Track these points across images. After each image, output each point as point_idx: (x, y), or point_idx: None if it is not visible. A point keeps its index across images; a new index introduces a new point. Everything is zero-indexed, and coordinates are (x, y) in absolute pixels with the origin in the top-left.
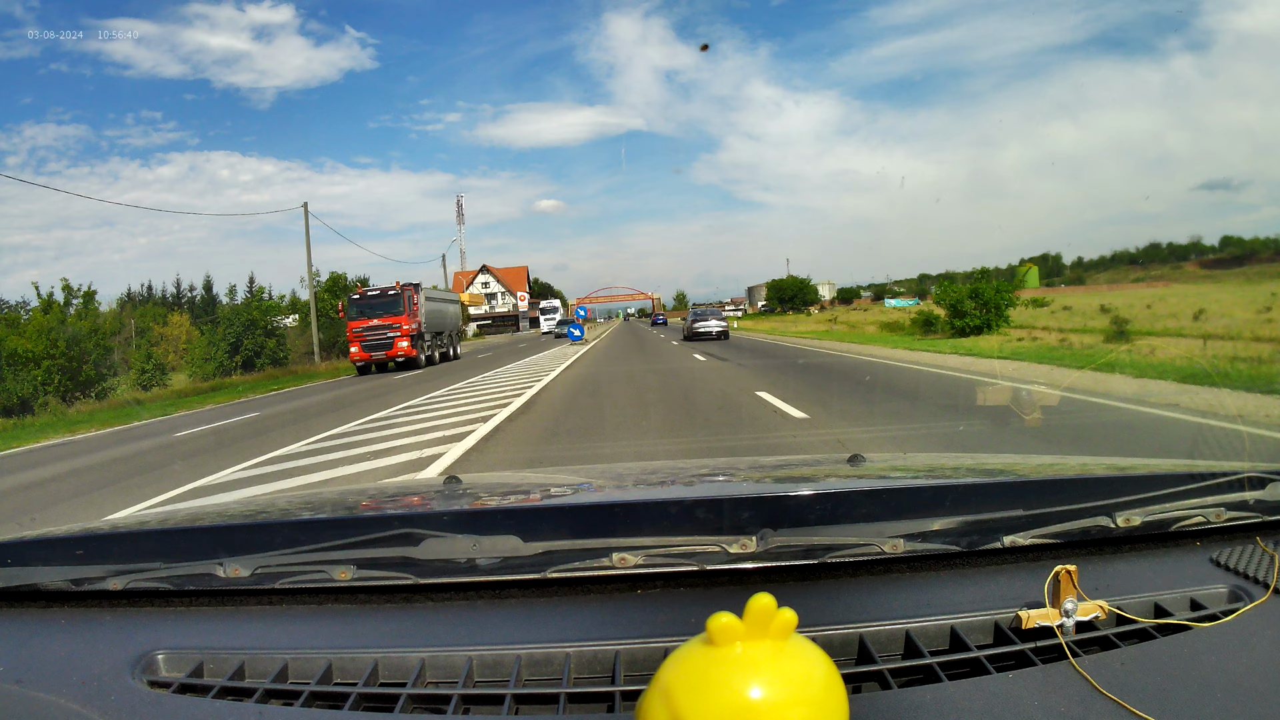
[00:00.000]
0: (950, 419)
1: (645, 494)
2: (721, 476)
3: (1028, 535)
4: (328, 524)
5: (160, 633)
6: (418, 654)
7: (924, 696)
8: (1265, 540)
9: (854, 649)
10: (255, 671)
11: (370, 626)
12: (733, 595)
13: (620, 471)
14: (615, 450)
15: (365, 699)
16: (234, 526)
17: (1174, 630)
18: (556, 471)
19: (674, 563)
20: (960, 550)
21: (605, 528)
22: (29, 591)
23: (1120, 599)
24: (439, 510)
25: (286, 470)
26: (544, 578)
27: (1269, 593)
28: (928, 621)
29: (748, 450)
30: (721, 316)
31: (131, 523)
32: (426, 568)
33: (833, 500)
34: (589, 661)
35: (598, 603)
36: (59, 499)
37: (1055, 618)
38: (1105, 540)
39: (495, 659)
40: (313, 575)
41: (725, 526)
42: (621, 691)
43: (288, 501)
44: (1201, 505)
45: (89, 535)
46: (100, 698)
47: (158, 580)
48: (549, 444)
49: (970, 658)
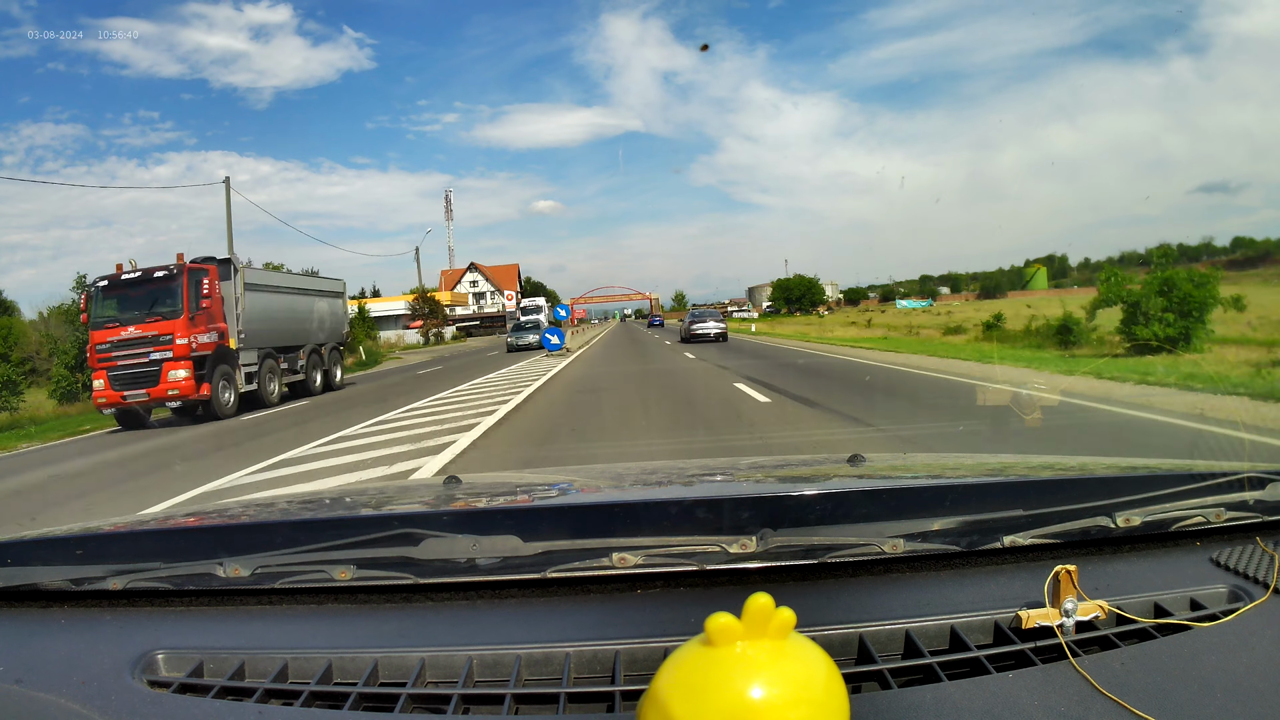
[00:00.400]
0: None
1: (645, 494)
2: (721, 476)
3: (1028, 535)
4: (328, 524)
5: (160, 633)
6: (418, 654)
7: (924, 696)
8: (1265, 540)
9: (854, 649)
10: (255, 671)
11: (370, 626)
12: (733, 595)
13: (620, 471)
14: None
15: (365, 699)
16: (234, 526)
17: (1174, 630)
18: (556, 471)
19: (674, 563)
20: (960, 550)
21: (605, 528)
22: (29, 591)
23: (1120, 599)
24: (439, 510)
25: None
26: (544, 578)
27: (1269, 593)
28: (928, 621)
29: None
30: (719, 318)
31: (131, 523)
32: (426, 568)
33: (833, 500)
34: (589, 661)
35: (598, 603)
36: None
37: (1055, 618)
38: (1105, 540)
39: (495, 659)
40: (313, 575)
41: (725, 526)
42: (621, 691)
43: (288, 501)
44: (1201, 505)
45: (89, 535)
46: (100, 698)
47: (158, 580)
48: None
49: (970, 658)
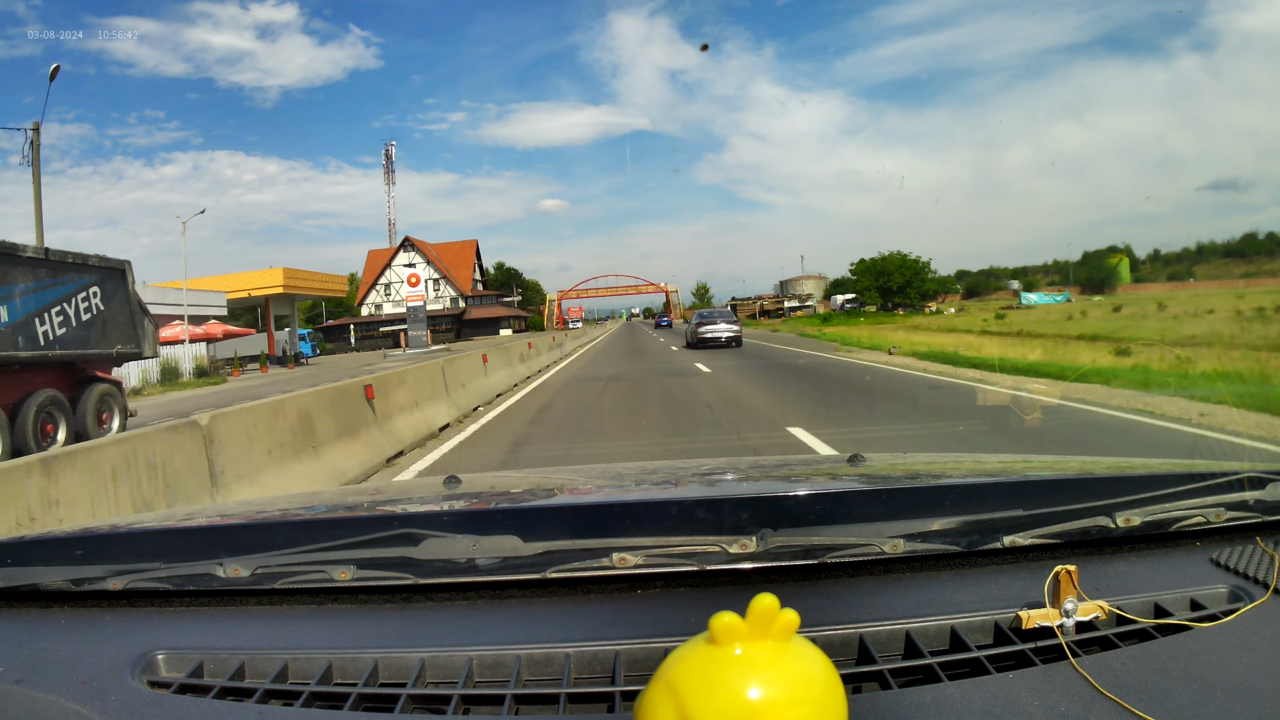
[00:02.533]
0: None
1: (645, 494)
2: (721, 477)
3: (1028, 535)
4: (327, 524)
5: (160, 633)
6: (418, 654)
7: (924, 696)
8: (1265, 540)
9: (854, 649)
10: (255, 672)
11: (370, 626)
12: (733, 595)
13: (620, 471)
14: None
15: (365, 699)
16: (234, 526)
17: (1174, 630)
18: (556, 471)
19: (674, 563)
20: (960, 550)
21: (605, 528)
22: (29, 591)
23: (1120, 599)
24: (439, 510)
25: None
26: (544, 578)
27: (1269, 593)
28: (928, 621)
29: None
30: (732, 319)
31: (131, 523)
32: (426, 568)
33: (833, 500)
34: (589, 662)
35: (598, 603)
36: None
37: (1055, 618)
38: (1105, 540)
39: (495, 659)
40: (313, 575)
41: (725, 526)
42: (621, 692)
43: (287, 501)
44: (1201, 505)
45: (89, 535)
46: (100, 698)
47: (158, 580)
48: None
49: (970, 658)
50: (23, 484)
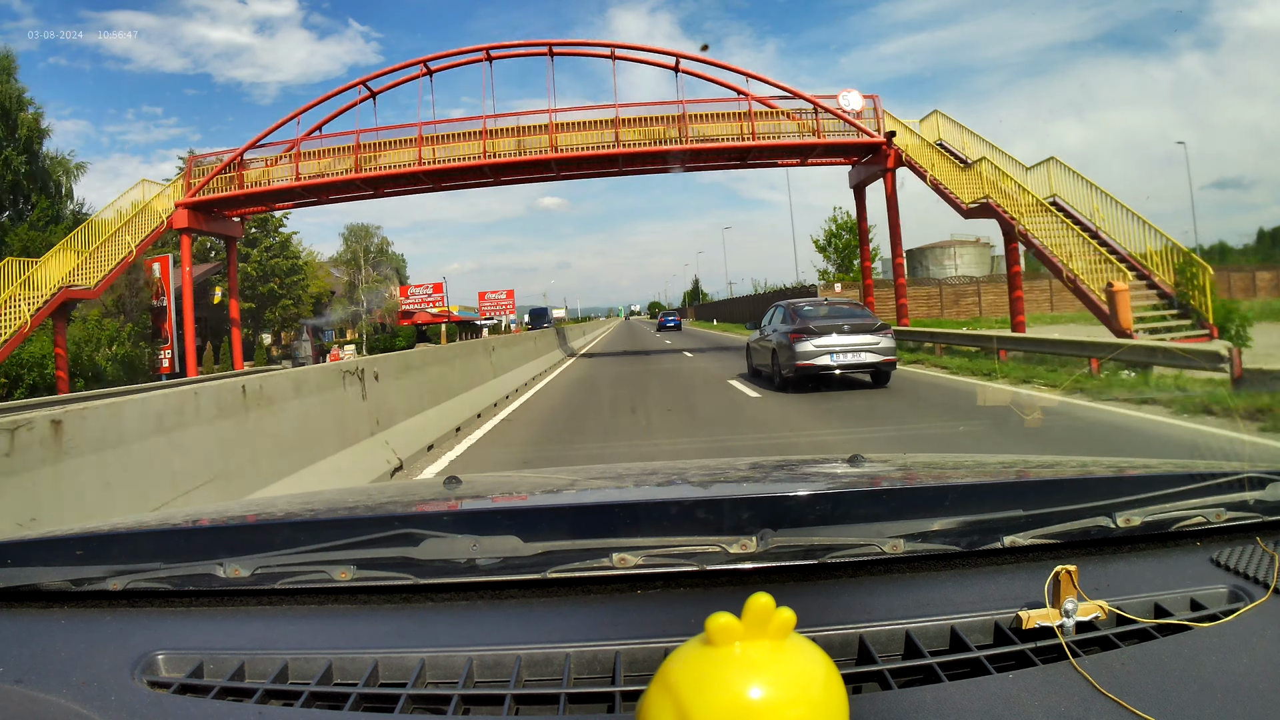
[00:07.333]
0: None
1: (645, 494)
2: (721, 476)
3: (1028, 535)
4: (328, 524)
5: (160, 633)
6: (418, 654)
7: (924, 696)
8: (1265, 540)
9: (854, 649)
10: (255, 672)
11: (370, 626)
12: (733, 595)
13: (620, 471)
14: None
15: (365, 699)
16: (234, 527)
17: (1174, 630)
18: (556, 471)
19: (674, 563)
20: (960, 550)
21: (605, 528)
22: (29, 591)
23: (1120, 599)
24: (439, 510)
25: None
26: (544, 578)
27: (1269, 593)
28: (928, 622)
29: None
30: (870, 319)
31: (131, 523)
32: (426, 568)
33: (833, 500)
34: (589, 662)
35: (598, 603)
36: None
37: (1055, 618)
38: (1105, 540)
39: (495, 659)
40: (313, 575)
41: (725, 526)
42: (622, 692)
43: (288, 501)
44: (1201, 505)
45: (89, 535)
46: (100, 698)
47: (158, 580)
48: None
49: (970, 658)
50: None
